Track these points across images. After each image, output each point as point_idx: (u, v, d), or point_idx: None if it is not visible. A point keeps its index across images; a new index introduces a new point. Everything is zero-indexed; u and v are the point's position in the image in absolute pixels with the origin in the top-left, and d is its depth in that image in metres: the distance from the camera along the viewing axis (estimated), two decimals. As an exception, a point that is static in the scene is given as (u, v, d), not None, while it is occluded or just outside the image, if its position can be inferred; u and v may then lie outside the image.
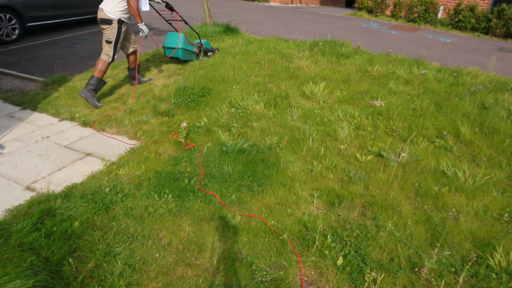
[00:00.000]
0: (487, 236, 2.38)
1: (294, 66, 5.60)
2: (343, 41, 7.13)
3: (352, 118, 3.95)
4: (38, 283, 1.85)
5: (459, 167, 3.09)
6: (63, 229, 2.23)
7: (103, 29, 4.17)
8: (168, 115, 4.03)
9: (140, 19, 4.19)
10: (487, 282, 2.04)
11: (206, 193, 2.72)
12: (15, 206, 2.49)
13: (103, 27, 4.15)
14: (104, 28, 4.14)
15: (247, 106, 4.09)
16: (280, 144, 3.44)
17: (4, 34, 6.72)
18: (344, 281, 2.04)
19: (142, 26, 4.27)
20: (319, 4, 20.37)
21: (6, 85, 4.83)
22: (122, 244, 2.21)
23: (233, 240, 2.31)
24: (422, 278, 2.06)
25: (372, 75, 5.46)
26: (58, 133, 3.63)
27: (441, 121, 3.92)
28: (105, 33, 4.18)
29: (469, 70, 5.93)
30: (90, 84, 4.17)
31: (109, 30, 4.14)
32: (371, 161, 3.23)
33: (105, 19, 4.09)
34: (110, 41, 4.19)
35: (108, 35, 4.17)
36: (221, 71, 5.20)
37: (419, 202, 2.73)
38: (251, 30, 8.85)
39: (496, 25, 11.13)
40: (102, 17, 4.10)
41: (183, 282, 2.00)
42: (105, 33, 4.18)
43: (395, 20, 13.24)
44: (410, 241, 2.32)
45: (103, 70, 4.24)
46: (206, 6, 8.01)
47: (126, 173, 2.93)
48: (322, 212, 2.60)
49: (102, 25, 4.14)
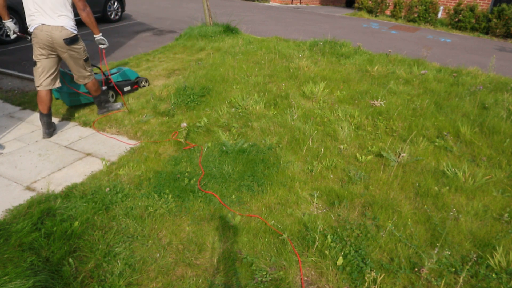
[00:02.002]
0: (487, 236, 2.38)
1: (294, 66, 5.60)
2: (343, 41, 7.13)
3: (352, 118, 3.95)
4: (38, 283, 1.85)
5: (459, 167, 3.09)
6: (63, 229, 2.23)
7: (72, 50, 3.40)
8: (168, 115, 4.03)
9: (97, 30, 3.60)
10: (487, 282, 2.04)
11: (206, 193, 2.72)
12: (15, 206, 2.49)
13: (74, 47, 3.40)
14: (74, 49, 3.41)
15: (247, 106, 4.09)
16: (280, 144, 3.44)
17: (4, 34, 6.72)
18: (344, 281, 2.04)
19: (101, 37, 3.70)
20: (319, 4, 20.37)
21: (6, 85, 4.83)
22: (122, 244, 2.21)
23: (233, 240, 2.31)
24: (422, 278, 2.06)
25: (372, 75, 5.46)
26: (58, 133, 3.63)
27: (441, 121, 3.92)
28: (74, 55, 3.45)
29: (469, 70, 5.93)
30: (100, 102, 3.94)
31: (81, 47, 3.50)
32: (371, 161, 3.23)
33: (72, 37, 3.35)
34: (87, 57, 3.63)
35: (83, 54, 3.54)
36: (221, 71, 5.20)
37: (419, 202, 2.73)
38: (251, 30, 8.85)
39: (496, 25, 11.13)
40: (67, 36, 3.29)
41: (183, 282, 2.00)
42: (76, 53, 3.46)
43: (395, 20, 13.23)
44: (410, 241, 2.32)
45: (98, 86, 3.84)
46: (206, 6, 8.01)
47: (126, 173, 2.93)
48: (322, 212, 2.60)
49: (71, 46, 3.36)
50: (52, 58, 3.42)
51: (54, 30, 3.23)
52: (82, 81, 3.71)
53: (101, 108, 3.98)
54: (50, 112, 3.52)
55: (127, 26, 9.05)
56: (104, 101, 3.99)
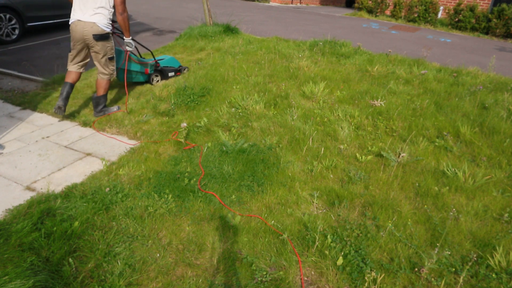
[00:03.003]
0: (487, 236, 2.38)
1: (294, 66, 5.60)
2: (343, 41, 7.13)
3: (352, 118, 3.95)
4: (38, 283, 1.85)
5: (459, 167, 3.09)
6: (63, 229, 2.23)
7: (98, 46, 3.66)
8: (168, 115, 4.03)
9: (128, 33, 3.88)
10: (487, 282, 2.04)
11: (206, 193, 2.72)
12: (15, 206, 2.49)
13: (101, 44, 3.66)
14: (101, 45, 3.67)
15: (247, 106, 4.09)
16: (280, 144, 3.44)
17: (4, 34, 6.72)
18: (344, 281, 2.04)
19: (129, 40, 3.95)
20: (319, 4, 20.37)
21: (6, 85, 4.83)
22: (122, 244, 2.21)
23: (233, 240, 2.31)
24: (422, 278, 2.06)
25: (372, 75, 5.46)
26: (58, 133, 3.63)
27: (441, 121, 3.92)
28: (100, 51, 3.71)
29: (469, 70, 5.93)
30: (98, 104, 3.94)
31: (109, 46, 3.77)
32: (371, 161, 3.23)
33: (102, 34, 3.61)
34: (112, 57, 3.87)
35: (109, 51, 3.80)
36: (221, 71, 5.20)
37: (419, 202, 2.73)
38: (251, 30, 8.85)
39: (496, 25, 11.13)
40: (97, 32, 3.57)
41: (183, 282, 2.00)
42: (103, 50, 3.72)
43: (395, 20, 13.23)
44: (410, 241, 2.32)
45: (106, 88, 3.96)
46: (206, 6, 8.01)
47: (126, 173, 2.93)
48: (322, 212, 2.60)
49: (98, 42, 3.62)
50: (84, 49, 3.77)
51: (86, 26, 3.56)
52: (100, 76, 3.90)
53: (97, 111, 3.97)
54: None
55: (127, 26, 9.04)
56: (102, 104, 3.98)
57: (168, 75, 5.07)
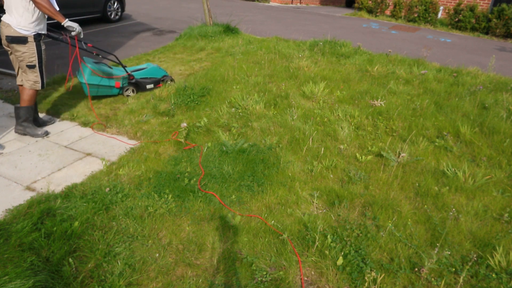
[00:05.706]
0: (487, 236, 2.38)
1: (294, 66, 5.60)
2: (343, 41, 7.13)
3: (352, 118, 3.95)
4: (38, 283, 1.85)
5: (459, 167, 3.09)
6: (63, 229, 2.23)
7: (13, 48, 3.25)
8: (168, 115, 4.03)
9: (62, 17, 3.25)
10: (487, 282, 2.04)
11: (206, 193, 2.72)
12: (15, 206, 2.49)
13: (16, 47, 3.22)
14: (16, 48, 3.23)
15: (247, 106, 4.09)
16: (280, 144, 3.44)
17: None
18: (344, 281, 2.04)
19: (69, 22, 3.32)
20: (319, 4, 20.37)
21: (6, 85, 4.83)
22: (122, 244, 2.21)
23: (233, 240, 2.31)
24: (422, 278, 2.06)
25: (372, 75, 5.46)
26: (58, 133, 3.63)
27: (441, 121, 3.92)
28: (20, 56, 3.28)
29: (469, 70, 5.93)
30: (19, 118, 3.47)
31: (26, 52, 3.25)
32: (371, 161, 3.23)
33: (16, 37, 3.18)
34: (32, 65, 3.33)
35: (27, 58, 3.29)
36: (221, 71, 5.20)
37: (419, 202, 2.73)
38: (251, 30, 8.85)
39: (496, 25, 11.13)
40: (10, 34, 3.16)
41: (183, 282, 2.00)
42: (19, 54, 3.26)
43: (395, 20, 13.23)
44: (410, 241, 2.32)
45: (32, 99, 3.48)
46: (206, 6, 8.01)
47: (126, 173, 2.93)
48: (322, 212, 2.60)
49: (12, 44, 3.22)
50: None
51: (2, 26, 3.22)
52: (25, 83, 3.43)
53: (18, 124, 3.51)
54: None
55: (127, 26, 9.05)
56: (23, 118, 3.48)
57: (145, 87, 4.62)
